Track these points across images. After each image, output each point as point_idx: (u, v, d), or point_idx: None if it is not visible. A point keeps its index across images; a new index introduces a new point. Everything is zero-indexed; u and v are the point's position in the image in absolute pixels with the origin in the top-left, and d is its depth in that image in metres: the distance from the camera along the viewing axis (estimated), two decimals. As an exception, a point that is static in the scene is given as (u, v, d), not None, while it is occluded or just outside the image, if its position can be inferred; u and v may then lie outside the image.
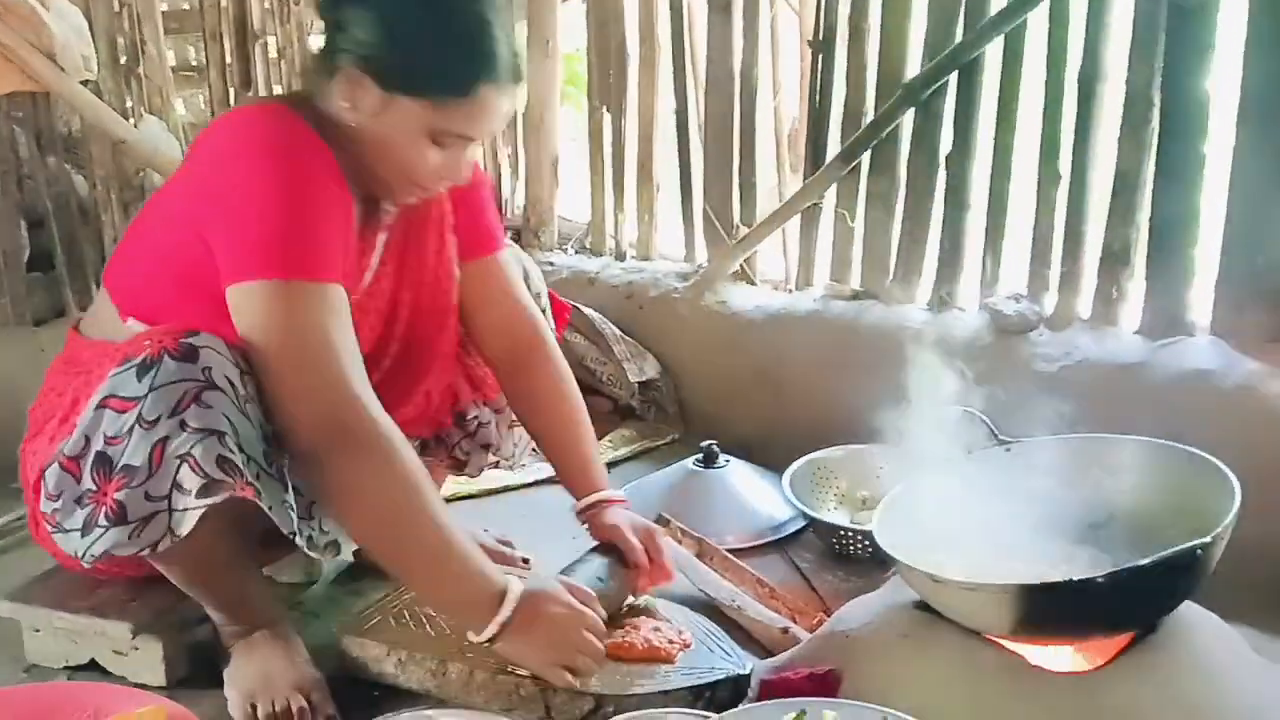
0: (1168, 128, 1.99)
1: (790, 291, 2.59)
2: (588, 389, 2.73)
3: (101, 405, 1.39)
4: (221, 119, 1.61)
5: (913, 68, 2.29)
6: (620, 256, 2.88)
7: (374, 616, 1.66)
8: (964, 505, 1.62)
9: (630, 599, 1.68)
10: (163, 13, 2.92)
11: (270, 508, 1.40)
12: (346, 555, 1.82)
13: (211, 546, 1.47)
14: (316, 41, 1.60)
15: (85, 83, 2.68)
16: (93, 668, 1.66)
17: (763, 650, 1.71)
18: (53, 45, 2.52)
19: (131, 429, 1.36)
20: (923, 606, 1.51)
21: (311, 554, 1.52)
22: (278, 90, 2.96)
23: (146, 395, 1.36)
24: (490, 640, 1.45)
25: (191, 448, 1.34)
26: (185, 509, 1.36)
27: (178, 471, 1.35)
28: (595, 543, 1.72)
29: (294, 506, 1.45)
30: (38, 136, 2.76)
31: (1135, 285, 2.09)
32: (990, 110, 2.20)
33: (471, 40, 1.45)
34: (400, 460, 1.41)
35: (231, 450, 1.36)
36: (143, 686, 1.59)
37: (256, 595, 1.59)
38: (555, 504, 2.27)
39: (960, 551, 1.58)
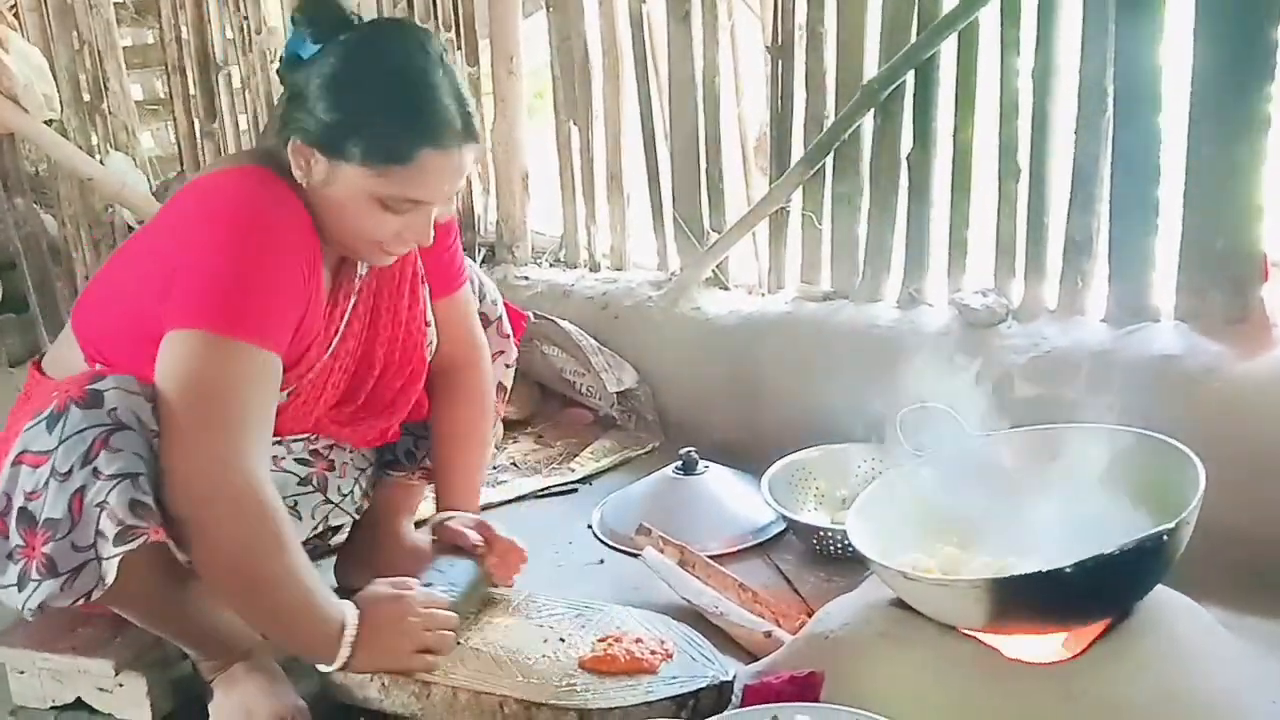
0: (1122, 117, 2.01)
1: (763, 295, 2.61)
2: (567, 401, 2.78)
3: (17, 461, 1.40)
4: (202, 178, 1.61)
5: (870, 69, 2.31)
6: (594, 268, 2.89)
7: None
8: (937, 500, 1.63)
9: (498, 589, 1.76)
10: (124, 48, 2.93)
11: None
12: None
13: (155, 588, 1.48)
14: (277, 107, 1.61)
15: (50, 122, 2.69)
16: (79, 706, 1.66)
17: (748, 655, 1.72)
18: (14, 87, 2.53)
19: (48, 482, 1.37)
20: (899, 604, 1.52)
21: None
22: (243, 120, 2.97)
23: (58, 447, 1.37)
24: (344, 665, 1.49)
25: (107, 495, 1.35)
26: (109, 556, 1.36)
27: (99, 520, 1.35)
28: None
29: None
30: (4, 178, 2.78)
31: (1099, 274, 2.11)
32: (949, 108, 2.22)
33: (410, 106, 1.46)
34: (268, 524, 1.40)
35: (145, 492, 1.36)
36: (128, 724, 1.60)
37: (225, 628, 1.58)
38: (536, 519, 2.30)
39: (935, 547, 1.60)
